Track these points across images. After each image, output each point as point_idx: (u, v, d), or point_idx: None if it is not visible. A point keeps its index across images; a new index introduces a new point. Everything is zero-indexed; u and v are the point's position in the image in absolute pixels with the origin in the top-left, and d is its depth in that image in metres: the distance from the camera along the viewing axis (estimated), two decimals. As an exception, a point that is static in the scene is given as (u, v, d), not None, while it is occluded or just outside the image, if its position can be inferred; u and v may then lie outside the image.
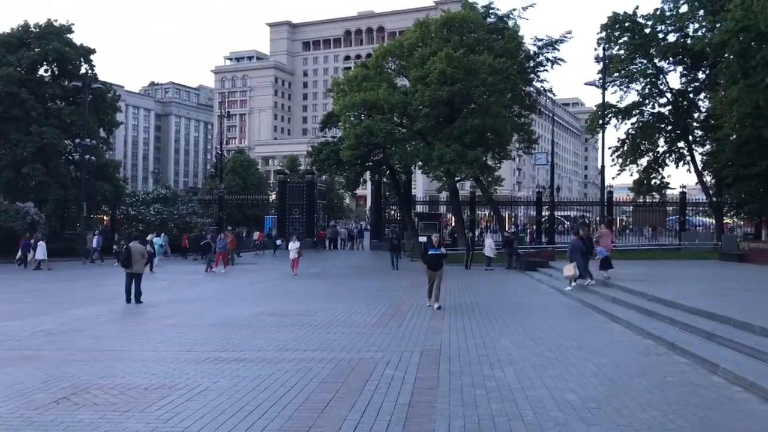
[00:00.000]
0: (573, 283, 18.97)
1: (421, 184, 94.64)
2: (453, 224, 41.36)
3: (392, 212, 48.01)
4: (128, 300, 17.26)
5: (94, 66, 41.75)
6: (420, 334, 12.00)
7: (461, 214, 39.53)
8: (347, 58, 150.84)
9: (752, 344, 9.27)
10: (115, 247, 34.45)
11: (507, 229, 39.28)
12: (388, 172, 42.06)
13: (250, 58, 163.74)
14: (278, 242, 43.46)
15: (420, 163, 36.24)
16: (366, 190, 76.76)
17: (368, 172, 43.65)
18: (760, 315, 11.12)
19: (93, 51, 41.57)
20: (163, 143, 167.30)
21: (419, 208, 48.43)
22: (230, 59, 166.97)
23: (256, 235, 44.58)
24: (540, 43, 38.40)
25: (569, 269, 18.73)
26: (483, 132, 33.65)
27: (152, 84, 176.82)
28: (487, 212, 48.53)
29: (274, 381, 8.27)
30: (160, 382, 8.28)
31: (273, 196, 54.00)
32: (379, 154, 39.40)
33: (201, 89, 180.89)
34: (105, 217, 45.23)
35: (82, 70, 40.86)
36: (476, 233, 42.41)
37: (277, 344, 10.99)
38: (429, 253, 16.07)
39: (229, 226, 40.92)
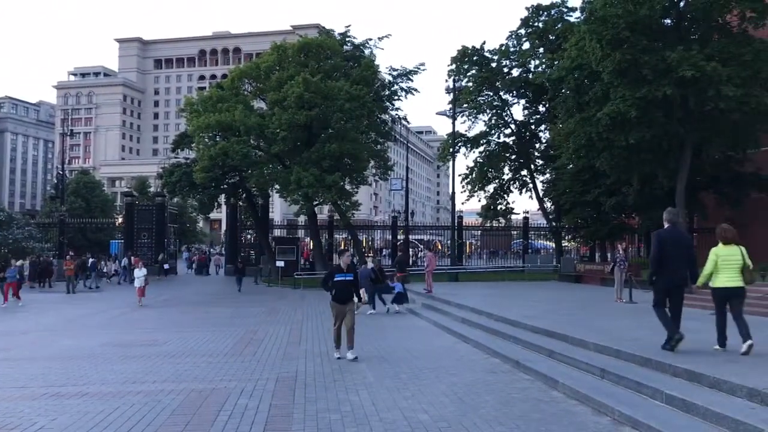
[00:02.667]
0: (371, 311, 20.26)
1: (278, 208, 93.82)
2: (311, 247, 41.35)
3: (249, 236, 47.18)
4: (-48, 334, 15.68)
5: None
6: (276, 361, 11.85)
7: (319, 237, 39.64)
8: (202, 78, 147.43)
9: (587, 360, 9.99)
10: None
11: (367, 252, 39.76)
12: (244, 195, 41.35)
13: (96, 74, 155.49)
14: (165, 266, 42.39)
15: (278, 186, 35.99)
16: (221, 214, 75.00)
17: (223, 195, 42.69)
18: (593, 332, 12.02)
19: None
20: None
21: (277, 232, 47.94)
22: (75, 75, 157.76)
23: (132, 259, 41.95)
24: (395, 73, 39.63)
25: None
26: (341, 157, 34.02)
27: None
28: (344, 236, 48.89)
29: (119, 415, 7.82)
30: (-12, 423, 7.57)
31: (120, 220, 51.09)
32: (235, 177, 38.67)
33: (42, 105, 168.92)
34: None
35: None
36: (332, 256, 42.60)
37: (122, 376, 10.41)
38: (335, 279, 11.92)
39: (70, 251, 38.31)
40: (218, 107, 34.32)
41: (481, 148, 43.09)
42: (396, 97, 39.94)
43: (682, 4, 26.94)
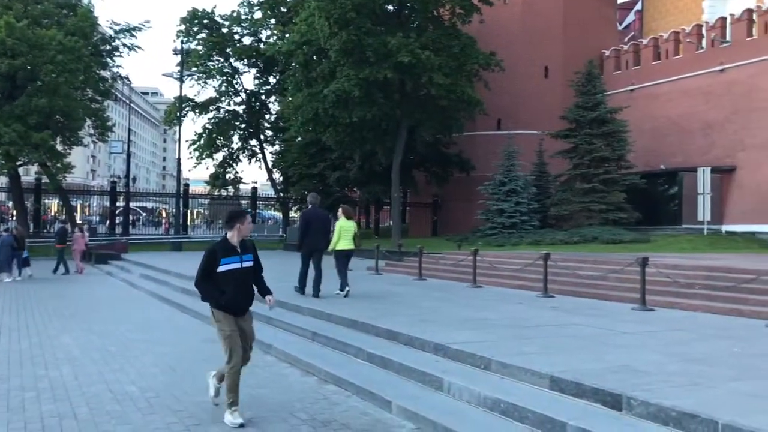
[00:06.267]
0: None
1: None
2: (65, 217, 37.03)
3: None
4: None
5: None
6: (-39, 338, 10.52)
7: (24, 203, 35.63)
8: None
9: (301, 324, 10.45)
10: None
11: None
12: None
13: None
14: None
15: (-28, 143, 31.57)
16: None
17: None
18: (306, 298, 12.58)
19: None
20: None
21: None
22: None
23: None
24: (117, 28, 36.92)
25: None
26: (51, 114, 30.96)
27: None
28: (56, 202, 44.62)
29: None
30: None
31: None
32: None
33: None
34: None
35: None
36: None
37: None
38: (223, 269, 6.21)
39: None
40: None
41: (211, 115, 42.28)
42: (118, 54, 37.32)
43: (403, -7, 29.00)
